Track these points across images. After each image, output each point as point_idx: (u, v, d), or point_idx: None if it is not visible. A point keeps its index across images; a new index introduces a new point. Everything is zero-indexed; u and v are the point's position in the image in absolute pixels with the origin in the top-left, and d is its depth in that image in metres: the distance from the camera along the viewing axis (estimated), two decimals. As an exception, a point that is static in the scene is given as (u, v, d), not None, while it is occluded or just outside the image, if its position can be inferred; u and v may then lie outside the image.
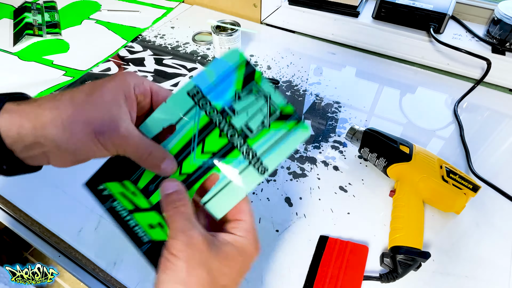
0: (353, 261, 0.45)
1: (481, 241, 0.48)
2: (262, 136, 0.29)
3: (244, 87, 0.30)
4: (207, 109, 0.30)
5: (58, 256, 0.51)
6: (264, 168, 0.29)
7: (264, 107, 0.30)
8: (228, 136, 0.29)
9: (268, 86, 0.30)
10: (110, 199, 0.30)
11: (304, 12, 0.92)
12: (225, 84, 0.30)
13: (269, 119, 0.29)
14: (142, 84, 0.28)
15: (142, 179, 0.30)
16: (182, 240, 0.25)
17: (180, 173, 0.30)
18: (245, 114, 0.30)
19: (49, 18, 0.92)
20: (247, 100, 0.30)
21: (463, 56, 0.75)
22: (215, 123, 0.30)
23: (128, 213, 0.30)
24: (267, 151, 0.29)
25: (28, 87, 0.71)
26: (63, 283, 1.24)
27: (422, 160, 0.50)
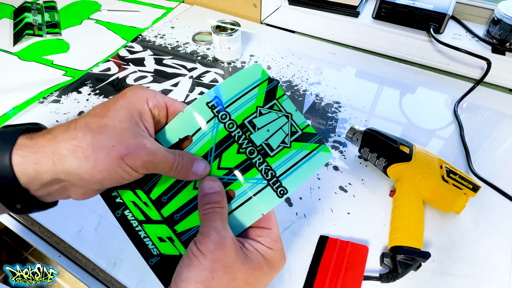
0: (353, 261, 0.45)
1: (481, 241, 0.48)
2: (282, 155, 0.28)
3: (265, 104, 0.29)
4: (226, 122, 0.28)
5: (58, 256, 0.51)
6: (283, 190, 0.28)
7: (286, 126, 0.29)
8: (247, 152, 0.28)
9: (290, 105, 0.29)
10: (122, 207, 0.29)
11: (304, 12, 0.92)
12: (246, 98, 0.29)
13: (291, 139, 0.28)
14: (155, 98, 0.27)
15: (155, 190, 0.29)
16: (214, 239, 0.24)
17: (194, 187, 0.28)
18: (265, 131, 0.28)
19: (49, 18, 0.92)
20: (268, 117, 0.29)
21: (463, 56, 0.75)
22: (233, 137, 0.28)
23: (138, 224, 0.29)
24: (288, 172, 0.28)
25: (28, 87, 0.71)
26: (63, 283, 1.24)
27: (422, 160, 0.50)
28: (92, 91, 0.72)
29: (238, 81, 0.29)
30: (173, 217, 0.28)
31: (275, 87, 0.29)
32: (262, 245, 0.26)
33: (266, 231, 0.27)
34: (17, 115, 0.65)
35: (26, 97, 0.68)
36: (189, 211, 0.28)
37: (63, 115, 0.66)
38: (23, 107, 0.66)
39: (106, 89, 0.72)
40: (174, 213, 0.28)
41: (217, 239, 0.24)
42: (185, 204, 0.28)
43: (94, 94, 0.71)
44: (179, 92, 0.72)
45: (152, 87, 0.73)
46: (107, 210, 0.30)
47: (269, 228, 0.27)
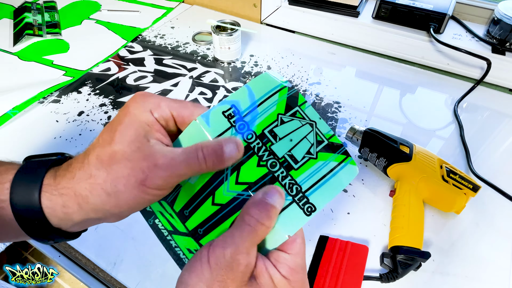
0: (353, 261, 0.45)
1: (481, 241, 0.48)
2: (308, 168, 0.25)
3: (287, 111, 0.26)
4: (244, 133, 0.26)
5: (58, 256, 0.51)
6: (311, 208, 0.25)
7: (311, 135, 0.26)
8: (268, 165, 0.25)
9: (313, 112, 0.26)
10: (153, 216, 0.27)
11: (304, 12, 0.92)
12: (266, 105, 0.26)
13: (317, 149, 0.26)
14: (159, 108, 0.25)
15: (177, 202, 0.27)
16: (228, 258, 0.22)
17: (213, 203, 0.26)
18: (288, 141, 0.26)
19: (49, 18, 0.92)
20: (290, 126, 0.26)
21: (463, 56, 0.75)
22: (253, 149, 0.25)
23: (168, 233, 0.27)
24: (315, 187, 0.25)
25: (28, 87, 0.71)
26: (63, 283, 1.24)
27: (422, 160, 0.50)
28: (92, 91, 0.72)
29: (256, 87, 0.26)
30: (197, 232, 0.26)
31: (297, 93, 0.26)
32: (277, 272, 0.23)
33: (284, 256, 0.23)
34: (17, 115, 0.65)
35: (26, 97, 0.68)
36: (211, 226, 0.26)
37: (63, 115, 0.66)
38: (23, 107, 0.66)
39: (106, 89, 0.72)
40: (198, 227, 0.26)
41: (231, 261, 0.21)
42: (207, 220, 0.26)
43: (94, 94, 0.71)
44: (179, 92, 0.72)
45: (152, 87, 0.73)
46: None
47: (289, 253, 0.23)
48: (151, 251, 0.47)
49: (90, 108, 0.68)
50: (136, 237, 0.48)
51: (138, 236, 0.48)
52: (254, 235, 0.22)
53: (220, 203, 0.25)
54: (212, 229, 0.26)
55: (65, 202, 0.23)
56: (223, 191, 0.25)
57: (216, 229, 0.26)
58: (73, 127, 0.64)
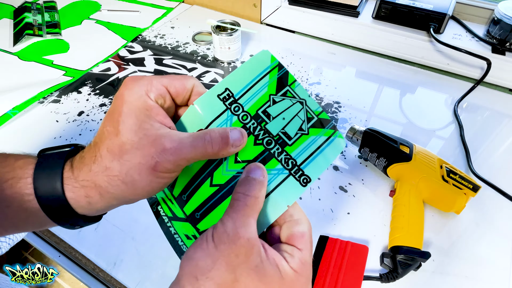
0: (353, 261, 0.45)
1: (481, 241, 0.48)
2: (301, 143, 0.27)
3: (278, 91, 0.28)
4: (240, 114, 0.27)
5: (58, 256, 0.51)
6: (306, 179, 0.27)
7: (302, 112, 0.28)
8: (264, 143, 0.27)
9: (302, 91, 0.28)
10: (156, 202, 0.29)
11: (304, 12, 0.92)
12: (257, 87, 0.28)
13: (308, 125, 0.27)
14: (152, 86, 0.25)
15: (176, 187, 0.28)
16: (230, 233, 0.22)
17: (211, 184, 0.27)
18: (281, 119, 0.27)
19: (49, 18, 0.92)
20: (282, 105, 0.28)
21: (463, 56, 0.75)
22: (249, 129, 0.27)
23: (168, 220, 0.28)
24: (308, 160, 0.27)
25: (28, 87, 0.71)
26: (63, 283, 1.24)
27: (422, 160, 0.50)
28: (92, 91, 0.72)
29: (247, 70, 0.28)
30: (195, 216, 0.27)
31: (286, 73, 0.28)
32: (286, 262, 0.23)
33: (295, 250, 0.24)
34: (17, 115, 0.65)
35: (26, 97, 0.68)
36: (208, 209, 0.27)
37: (63, 115, 0.66)
38: (23, 107, 0.66)
39: (106, 89, 0.72)
40: (195, 211, 0.27)
41: (232, 234, 0.22)
42: (204, 202, 0.27)
43: (94, 94, 0.71)
44: (179, 92, 0.71)
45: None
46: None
47: (299, 248, 0.24)
48: (151, 251, 0.47)
49: (90, 108, 0.68)
50: (136, 237, 0.48)
51: (138, 236, 0.48)
52: (245, 207, 0.23)
53: (219, 184, 0.27)
54: (209, 212, 0.27)
55: (87, 192, 0.24)
56: (222, 171, 0.27)
57: (214, 211, 0.27)
58: (73, 127, 0.64)
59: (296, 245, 0.25)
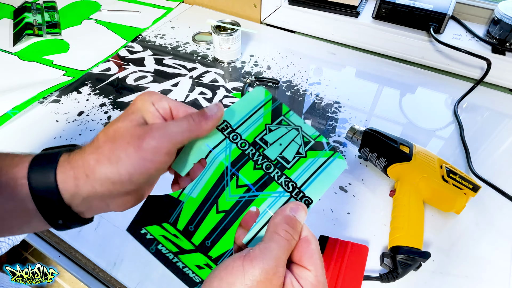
0: (353, 261, 0.45)
1: (481, 241, 0.48)
2: (300, 165, 0.28)
3: (273, 120, 0.29)
4: (238, 142, 0.28)
5: (58, 256, 0.51)
6: (308, 200, 0.27)
7: (298, 138, 0.29)
8: (264, 167, 0.28)
9: (297, 119, 0.29)
10: (155, 242, 0.28)
11: (304, 12, 0.92)
12: (254, 118, 0.29)
13: (305, 148, 0.28)
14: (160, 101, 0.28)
15: (180, 220, 0.28)
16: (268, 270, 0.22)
17: (218, 211, 0.27)
18: (278, 145, 0.28)
19: (49, 18, 0.92)
20: (278, 132, 0.29)
21: (463, 56, 0.75)
22: (247, 155, 0.28)
23: (174, 256, 0.28)
24: (308, 181, 0.27)
25: (28, 87, 0.71)
26: (63, 283, 1.24)
27: (422, 160, 0.50)
28: (92, 91, 0.72)
29: (243, 104, 0.30)
30: (205, 244, 0.27)
31: (280, 105, 0.30)
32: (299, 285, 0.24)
33: (306, 272, 0.24)
34: (17, 115, 0.65)
35: (26, 97, 0.68)
36: (218, 235, 0.27)
37: (63, 115, 0.66)
38: (23, 107, 0.66)
39: (106, 89, 0.72)
40: (205, 240, 0.27)
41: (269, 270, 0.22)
42: (213, 230, 0.27)
43: (94, 94, 0.71)
44: (179, 92, 0.72)
45: (152, 87, 0.73)
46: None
47: (309, 269, 0.24)
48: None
49: (90, 108, 0.68)
50: (136, 237, 0.48)
51: (138, 236, 0.48)
52: (289, 248, 0.24)
53: (224, 210, 0.27)
54: (219, 238, 0.27)
55: (75, 173, 0.25)
56: (226, 197, 0.27)
57: (224, 237, 0.27)
58: (73, 127, 0.64)
59: (305, 265, 0.24)
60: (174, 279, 0.27)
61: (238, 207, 0.27)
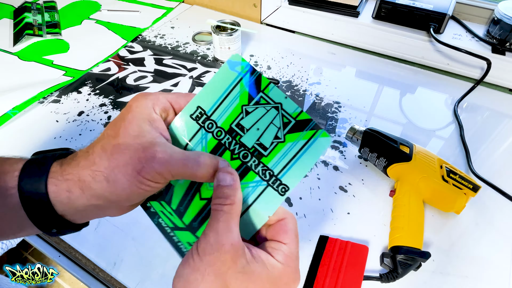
0: (353, 261, 0.45)
1: (481, 241, 0.48)
2: (277, 152, 0.27)
3: (250, 100, 0.27)
4: (214, 131, 0.28)
5: (58, 256, 0.51)
6: (285, 188, 0.27)
7: (277, 119, 0.27)
8: (241, 157, 0.27)
9: (278, 93, 0.27)
10: (156, 216, 0.29)
11: (304, 12, 0.92)
12: (229, 99, 0.28)
13: (284, 132, 0.27)
14: (159, 101, 0.27)
15: (173, 201, 0.29)
16: (212, 242, 0.23)
17: (201, 198, 0.28)
18: (255, 130, 0.27)
19: (49, 18, 0.92)
20: (256, 114, 0.27)
21: (463, 56, 0.75)
22: (224, 144, 0.28)
23: (171, 230, 0.29)
24: (286, 168, 0.27)
25: (28, 87, 0.71)
26: (63, 283, 1.24)
27: (422, 160, 0.50)
28: (92, 91, 0.72)
29: (218, 81, 0.28)
30: (192, 225, 0.28)
31: (259, 77, 0.27)
32: (272, 257, 0.24)
33: (280, 245, 0.25)
34: (17, 115, 0.65)
35: (26, 97, 0.68)
36: (203, 219, 0.28)
37: (63, 115, 0.66)
38: (23, 107, 0.66)
39: (106, 89, 0.72)
40: (192, 221, 0.28)
41: (214, 243, 0.23)
42: (198, 213, 0.28)
43: (94, 94, 0.71)
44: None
45: (152, 87, 0.73)
46: (107, 210, 0.30)
47: (284, 243, 0.25)
48: (151, 251, 0.47)
49: (90, 108, 0.68)
50: (136, 237, 0.48)
51: (138, 236, 0.48)
52: (224, 215, 0.24)
53: (206, 197, 0.28)
54: (204, 221, 0.28)
55: (69, 186, 0.24)
56: (207, 186, 0.28)
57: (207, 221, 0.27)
58: (73, 127, 0.64)
59: (281, 240, 0.25)
60: (173, 279, 0.28)
61: None
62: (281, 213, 0.27)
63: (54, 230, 0.26)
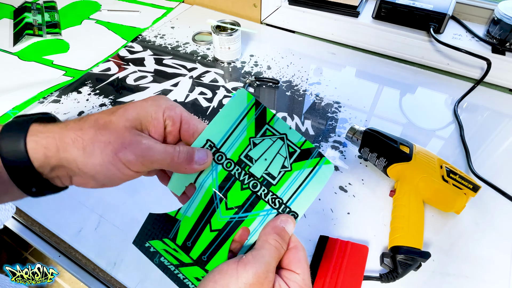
0: (353, 261, 0.45)
1: (481, 241, 0.48)
2: (285, 180, 0.28)
3: (257, 132, 0.29)
4: (223, 163, 0.29)
5: (58, 256, 0.51)
6: (294, 215, 0.28)
7: (283, 149, 0.28)
8: (250, 187, 0.28)
9: (282, 125, 0.29)
10: (158, 255, 0.29)
11: (304, 12, 0.92)
12: (237, 132, 0.29)
13: (290, 161, 0.28)
14: (173, 110, 0.28)
15: (179, 236, 0.29)
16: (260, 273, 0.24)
17: (211, 230, 0.29)
18: (263, 161, 0.28)
19: (49, 18, 0.92)
20: (263, 146, 0.29)
21: (463, 56, 0.75)
22: (234, 175, 0.29)
23: (175, 268, 0.29)
24: (294, 196, 0.28)
25: (28, 87, 0.71)
26: (63, 283, 1.24)
27: (422, 160, 0.50)
28: (92, 91, 0.72)
29: (226, 114, 0.29)
30: (202, 259, 0.29)
31: (264, 110, 0.29)
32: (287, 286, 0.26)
33: (294, 275, 0.26)
34: (17, 115, 0.65)
35: (26, 97, 0.68)
36: (213, 251, 0.29)
37: (63, 115, 0.66)
38: (23, 107, 0.66)
39: (106, 89, 0.72)
40: (201, 255, 0.29)
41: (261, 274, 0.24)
42: (208, 246, 0.29)
43: (94, 94, 0.71)
44: (179, 92, 0.72)
45: (152, 87, 0.73)
46: (107, 210, 0.30)
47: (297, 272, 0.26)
48: (151, 251, 0.47)
49: (90, 108, 0.68)
50: (136, 237, 0.48)
51: (138, 236, 0.48)
52: (279, 255, 0.26)
53: (217, 229, 0.28)
54: (214, 254, 0.28)
55: (47, 143, 0.25)
56: (218, 218, 0.29)
57: (218, 252, 0.28)
58: (73, 127, 0.64)
59: (294, 270, 0.26)
60: (174, 279, 0.28)
61: (230, 227, 0.28)
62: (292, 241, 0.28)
63: (34, 189, 0.26)
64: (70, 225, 0.50)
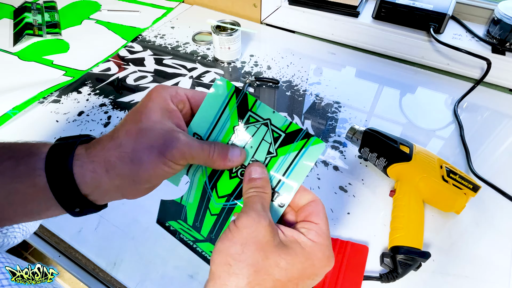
0: (353, 261, 0.45)
1: (481, 241, 0.48)
2: (272, 166, 0.28)
3: (241, 120, 0.29)
4: None
5: (58, 256, 0.51)
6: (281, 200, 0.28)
7: (268, 135, 0.28)
8: (239, 175, 0.29)
9: (265, 109, 0.28)
10: (177, 233, 0.32)
11: (304, 12, 0.92)
12: (221, 122, 0.29)
13: (275, 146, 0.28)
14: (177, 93, 0.29)
15: (188, 218, 0.31)
16: (252, 216, 0.25)
17: (211, 214, 0.30)
18: (249, 148, 0.29)
19: (49, 18, 0.92)
20: (247, 133, 0.29)
21: (463, 56, 0.75)
22: None
23: (193, 243, 0.31)
24: (281, 181, 0.28)
25: (28, 87, 0.71)
26: (63, 283, 1.24)
27: (422, 160, 0.50)
28: (92, 91, 0.72)
29: (208, 105, 0.29)
30: (211, 236, 0.31)
31: (245, 97, 0.28)
32: (304, 236, 0.26)
33: (312, 224, 0.27)
34: (17, 115, 0.65)
35: (26, 97, 0.68)
36: (218, 230, 0.30)
37: (63, 115, 0.66)
38: (23, 107, 0.66)
39: (106, 89, 0.72)
40: (209, 233, 0.31)
41: (254, 217, 0.25)
42: (213, 226, 0.30)
43: (94, 94, 0.71)
44: (179, 92, 0.71)
45: (152, 87, 0.73)
46: (107, 210, 0.30)
47: (316, 223, 0.27)
48: (151, 251, 0.47)
49: (90, 108, 0.68)
50: (136, 237, 0.48)
51: (138, 236, 0.48)
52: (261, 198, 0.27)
53: (216, 213, 0.30)
54: (219, 232, 0.30)
55: (94, 167, 0.26)
56: (213, 204, 0.30)
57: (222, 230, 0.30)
58: (73, 127, 0.64)
59: (312, 220, 0.27)
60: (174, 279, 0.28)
61: (225, 212, 0.30)
62: (310, 197, 0.29)
63: (77, 209, 0.27)
64: (70, 225, 0.50)
